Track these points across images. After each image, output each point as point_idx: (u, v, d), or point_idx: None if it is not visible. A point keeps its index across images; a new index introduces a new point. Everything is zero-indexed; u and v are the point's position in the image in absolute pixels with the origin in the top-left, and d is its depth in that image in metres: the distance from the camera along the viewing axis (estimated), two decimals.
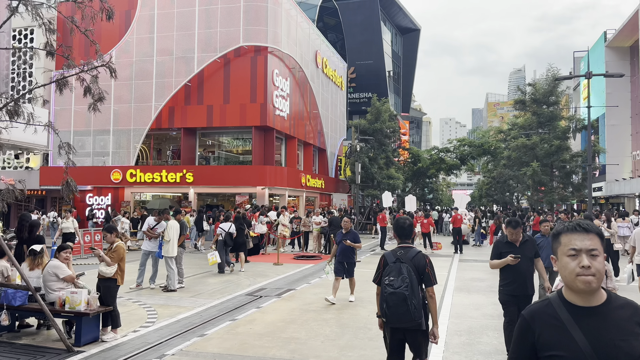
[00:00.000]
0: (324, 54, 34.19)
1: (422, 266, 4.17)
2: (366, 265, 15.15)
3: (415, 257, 4.19)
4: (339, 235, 9.69)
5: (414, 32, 74.69)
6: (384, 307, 4.07)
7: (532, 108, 22.31)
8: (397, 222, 4.47)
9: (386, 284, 4.09)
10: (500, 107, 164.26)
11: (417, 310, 4.01)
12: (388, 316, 4.05)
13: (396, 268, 4.09)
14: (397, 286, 4.00)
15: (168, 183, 25.60)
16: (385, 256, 4.31)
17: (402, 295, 3.96)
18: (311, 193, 32.17)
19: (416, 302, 4.00)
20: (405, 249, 4.26)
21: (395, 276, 4.05)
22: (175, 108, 26.41)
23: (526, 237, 5.93)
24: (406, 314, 3.97)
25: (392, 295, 4.00)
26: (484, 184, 58.31)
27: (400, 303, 3.96)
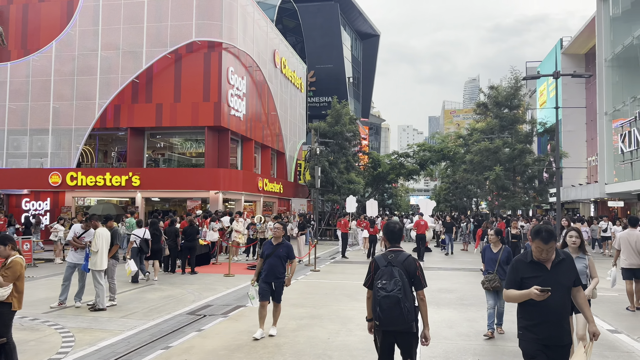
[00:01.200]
0: (283, 54, 33.01)
1: (413, 270, 4.20)
2: (325, 276, 13.99)
3: (405, 260, 4.21)
4: (266, 247, 7.39)
5: (374, 38, 74.76)
6: (377, 311, 4.06)
7: (494, 111, 21.84)
8: (387, 227, 4.48)
9: (379, 288, 4.09)
10: (457, 115, 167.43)
11: (410, 313, 4.03)
12: (381, 319, 4.06)
13: (388, 272, 4.12)
14: (390, 289, 4.02)
15: (112, 187, 23.70)
16: (376, 260, 4.30)
17: (395, 298, 3.99)
18: (269, 198, 30.82)
19: (409, 305, 4.03)
20: (396, 253, 4.27)
21: (387, 279, 4.08)
22: (122, 106, 24.56)
23: (562, 256, 3.92)
24: (399, 317, 4.00)
25: (385, 299, 4.02)
26: (442, 189, 58.50)
27: (394, 306, 3.99)
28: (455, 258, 19.66)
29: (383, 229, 4.59)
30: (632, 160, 23.84)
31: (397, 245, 4.40)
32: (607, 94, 27.79)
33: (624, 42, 25.59)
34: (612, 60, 27.37)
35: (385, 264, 4.20)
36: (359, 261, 18.34)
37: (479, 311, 9.19)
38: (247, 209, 28.24)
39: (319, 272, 15.03)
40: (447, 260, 18.92)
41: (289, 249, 7.41)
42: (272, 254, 7.28)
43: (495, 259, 7.57)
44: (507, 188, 20.69)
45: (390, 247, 4.38)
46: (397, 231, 4.44)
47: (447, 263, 18.05)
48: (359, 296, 10.67)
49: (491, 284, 7.46)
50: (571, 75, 16.65)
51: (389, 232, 4.45)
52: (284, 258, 7.36)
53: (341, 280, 13.26)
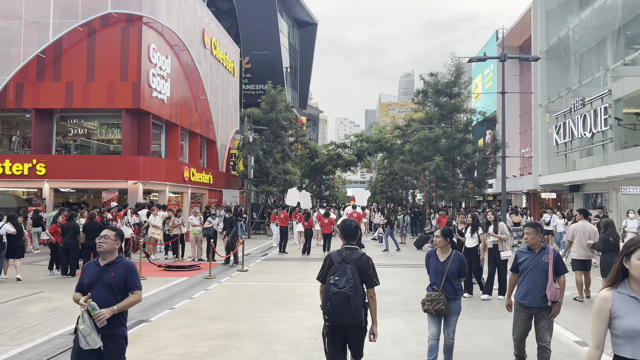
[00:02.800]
0: (214, 34, 30.74)
1: (366, 268, 4.25)
2: (254, 277, 12.36)
3: (359, 259, 4.27)
4: (87, 272, 4.01)
5: (311, 26, 73.30)
6: (327, 306, 4.12)
7: (434, 99, 21.01)
8: (343, 224, 4.54)
9: (331, 284, 4.14)
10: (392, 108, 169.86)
11: (358, 310, 4.10)
12: (330, 314, 4.11)
13: (341, 268, 4.18)
14: (341, 286, 4.08)
15: (14, 176, 20.78)
16: (331, 255, 4.33)
17: (345, 295, 4.05)
18: (198, 189, 28.62)
19: (358, 302, 4.10)
20: (351, 250, 4.32)
21: (340, 276, 4.14)
22: (25, 84, 21.55)
23: None
24: (348, 314, 4.06)
25: (336, 295, 4.07)
26: (378, 181, 58.32)
27: (344, 302, 4.04)
28: (394, 253, 18.64)
29: (339, 226, 4.60)
30: (566, 151, 23.88)
31: (353, 242, 4.42)
32: (541, 85, 27.86)
33: (560, 33, 25.60)
34: (547, 52, 27.41)
35: (339, 261, 4.23)
36: (293, 258, 16.85)
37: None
38: (173, 201, 26.00)
39: (247, 272, 13.38)
40: (385, 256, 17.84)
41: (127, 271, 4.01)
42: (96, 281, 3.92)
43: (442, 271, 5.40)
44: (446, 179, 19.90)
45: (346, 244, 4.40)
46: (352, 229, 4.48)
47: (386, 259, 16.95)
48: (290, 302, 9.16)
49: (433, 305, 5.30)
50: (518, 58, 16.04)
51: (345, 229, 4.49)
52: (118, 288, 3.95)
53: (271, 281, 11.70)
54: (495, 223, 9.80)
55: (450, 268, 5.39)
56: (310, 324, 7.54)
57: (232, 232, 14.44)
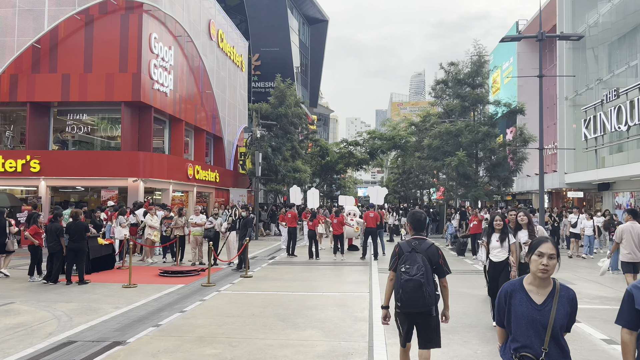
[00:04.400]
0: (220, 25, 29.42)
1: (436, 258, 4.34)
2: (258, 284, 10.91)
3: (429, 248, 4.36)
4: None
5: (322, 23, 71.91)
6: (400, 293, 4.21)
7: (455, 90, 19.46)
8: (413, 215, 4.62)
9: (402, 271, 4.25)
10: (404, 107, 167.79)
11: (431, 297, 4.19)
12: (403, 301, 4.21)
13: (411, 257, 4.29)
14: (413, 274, 4.18)
15: (7, 173, 19.59)
16: (400, 245, 4.45)
17: (418, 282, 4.15)
18: (204, 188, 27.31)
19: (430, 289, 4.19)
20: (420, 240, 4.42)
21: (410, 264, 4.24)
22: (20, 76, 20.37)
23: None
24: (420, 300, 4.15)
25: (408, 282, 4.18)
26: (390, 180, 56.74)
27: (416, 289, 4.15)
28: None
29: (409, 217, 4.66)
30: (596, 147, 22.19)
31: (422, 233, 4.52)
32: (567, 78, 26.16)
33: (588, 21, 23.90)
34: (574, 42, 25.70)
35: (409, 250, 4.36)
36: (302, 262, 15.40)
37: (471, 343, 6.46)
38: (177, 200, 24.71)
39: (251, 278, 11.96)
40: None
41: None
42: None
43: (543, 321, 2.86)
44: (469, 176, 18.33)
45: (415, 235, 4.51)
46: (422, 220, 4.59)
47: None
48: (299, 318, 7.72)
49: None
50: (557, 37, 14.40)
51: (415, 220, 4.58)
52: None
53: (278, 290, 10.27)
54: (531, 227, 7.39)
55: (557, 317, 2.85)
56: (323, 349, 6.09)
57: (247, 233, 13.02)
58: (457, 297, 9.36)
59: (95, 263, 12.48)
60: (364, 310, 8.34)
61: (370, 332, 6.95)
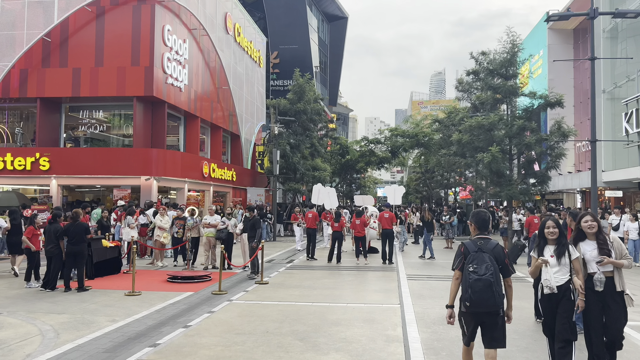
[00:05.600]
0: (237, 19, 28.48)
1: (502, 257, 4.38)
2: (275, 292, 9.78)
3: (495, 248, 4.40)
4: None
5: (341, 20, 70.75)
6: (468, 293, 4.25)
7: (487, 81, 18.12)
8: (478, 215, 4.61)
9: (470, 271, 4.29)
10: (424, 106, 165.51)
11: (500, 297, 4.23)
12: (473, 300, 4.23)
13: (479, 257, 4.32)
14: (482, 273, 4.22)
15: (16, 171, 18.90)
16: (466, 245, 4.46)
17: (487, 282, 4.19)
18: (221, 187, 26.39)
19: (499, 289, 4.24)
20: (485, 240, 4.44)
21: (478, 264, 4.27)
22: (30, 71, 19.68)
23: None
24: (490, 299, 4.19)
25: (477, 282, 4.22)
26: (412, 179, 55.23)
27: (486, 289, 4.19)
28: (437, 261, 15.85)
29: (472, 217, 4.65)
30: (639, 142, 20.58)
31: (486, 233, 4.54)
32: (605, 69, 24.52)
33: (629, 6, 22.25)
34: (611, 31, 24.09)
35: (475, 250, 4.37)
36: (323, 266, 14.27)
37: None
38: (193, 199, 23.82)
39: (267, 284, 10.87)
40: (428, 266, 15.10)
41: None
42: None
43: None
44: (502, 173, 16.97)
45: (479, 235, 4.50)
46: (487, 219, 4.59)
47: (433, 268, 14.20)
48: (321, 337, 6.59)
49: None
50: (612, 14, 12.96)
51: (480, 220, 4.56)
52: None
53: (296, 299, 9.16)
54: (601, 237, 5.27)
55: None
56: None
57: (257, 236, 11.75)
58: None
59: (99, 267, 11.55)
60: (396, 327, 7.16)
61: (407, 356, 5.77)
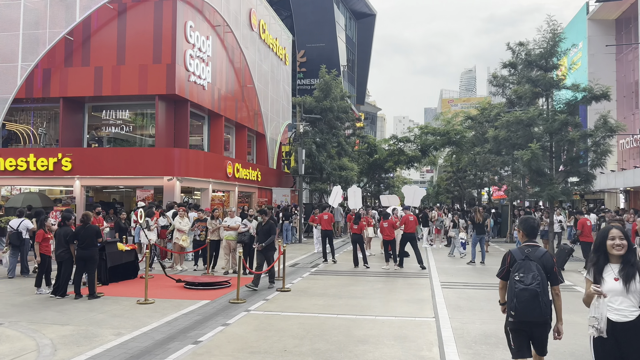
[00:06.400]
0: (262, 16, 27.87)
1: (551, 265, 4.24)
2: (297, 301, 8.98)
3: (543, 256, 4.27)
4: None
5: (369, 18, 69.72)
6: (513, 302, 4.13)
7: (525, 74, 16.95)
8: (526, 222, 4.50)
9: (516, 280, 4.16)
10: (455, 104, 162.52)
11: (547, 307, 4.12)
12: (518, 310, 4.12)
13: (525, 265, 4.19)
14: (528, 283, 4.09)
15: (39, 172, 18.69)
16: (512, 253, 4.37)
17: (534, 292, 4.06)
18: (246, 187, 25.84)
19: (546, 298, 4.12)
20: (533, 248, 4.31)
21: (525, 273, 4.15)
22: (53, 71, 19.47)
23: None
24: (536, 310, 4.07)
25: (523, 291, 4.09)
26: (443, 179, 53.77)
27: (532, 299, 4.06)
28: (475, 267, 14.81)
29: (520, 223, 4.56)
30: None
31: (534, 240, 4.42)
32: None
33: None
34: None
35: (522, 258, 4.24)
36: (349, 271, 13.43)
37: None
38: (217, 200, 23.30)
39: (289, 292, 10.10)
40: (464, 272, 14.09)
41: None
42: None
43: None
44: (543, 172, 15.78)
45: (527, 242, 4.39)
46: (535, 226, 4.49)
47: (467, 275, 13.20)
48: (346, 358, 5.76)
49: None
50: None
51: (529, 227, 4.46)
52: None
53: (319, 310, 8.36)
54: None
55: None
56: None
57: (268, 241, 10.87)
58: None
59: (114, 272, 11.00)
60: (431, 346, 6.28)
61: None
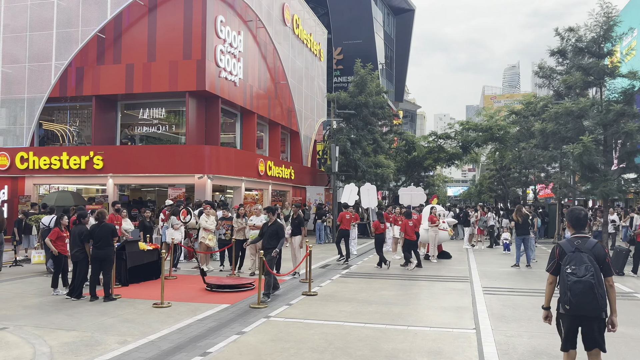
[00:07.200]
0: (296, 10, 27.27)
1: (603, 256, 4.16)
2: (322, 307, 8.22)
3: (594, 246, 4.18)
4: None
5: (408, 13, 68.28)
6: (567, 295, 4.06)
7: (575, 61, 15.61)
8: (572, 213, 4.43)
9: (568, 273, 4.09)
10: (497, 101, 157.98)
11: (603, 299, 4.02)
12: (573, 304, 4.04)
13: (577, 257, 4.12)
14: (581, 275, 4.01)
15: (71, 170, 18.69)
16: (561, 245, 4.30)
17: (588, 284, 3.99)
18: (279, 186, 25.34)
19: (601, 291, 4.02)
20: (583, 239, 4.24)
21: (577, 265, 4.07)
22: (85, 69, 19.47)
23: None
24: (592, 303, 3.99)
25: (577, 284, 4.01)
26: (485, 177, 51.87)
27: (587, 291, 3.98)
28: (520, 270, 13.67)
29: (567, 215, 4.48)
30: None
31: (583, 231, 4.34)
32: None
33: None
34: None
35: (572, 250, 4.17)
36: (381, 274, 12.58)
37: None
38: (250, 198, 22.86)
39: (315, 296, 9.37)
40: (509, 276, 13.00)
41: None
42: None
43: None
44: (596, 167, 14.45)
45: (575, 234, 4.32)
46: (582, 217, 4.38)
47: (511, 280, 12.12)
48: None
49: None
50: None
51: (574, 218, 4.39)
52: None
53: (346, 318, 7.59)
54: None
55: None
56: None
57: (280, 244, 9.47)
58: (613, 339, 6.13)
59: (135, 272, 10.58)
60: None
61: None
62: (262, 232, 9.45)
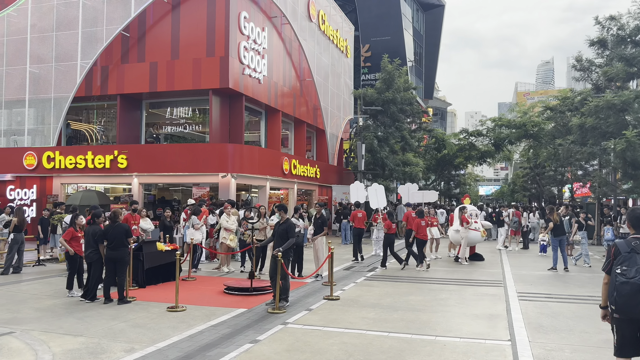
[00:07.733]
0: (322, 6, 26.78)
1: None
2: (345, 313, 7.70)
3: None
4: None
5: (438, 9, 66.98)
6: (614, 296, 3.93)
7: (617, 51, 14.64)
8: (633, 212, 4.22)
9: (618, 273, 3.95)
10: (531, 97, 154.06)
11: None
12: (618, 305, 3.89)
13: (630, 258, 3.95)
14: (630, 276, 3.85)
15: (96, 169, 18.67)
16: (617, 245, 4.11)
17: (636, 286, 3.80)
18: (305, 185, 24.92)
19: None
20: None
21: (628, 266, 3.91)
22: (110, 68, 19.45)
23: None
24: (638, 305, 3.76)
25: (624, 285, 3.85)
26: (519, 176, 50.40)
27: (634, 293, 3.79)
28: (558, 274, 12.87)
29: (628, 214, 4.29)
30: None
31: None
32: None
33: None
34: None
35: (627, 250, 3.99)
36: (409, 277, 11.98)
37: None
38: (275, 198, 22.52)
39: (337, 301, 8.87)
40: (547, 281, 12.22)
41: None
42: None
43: None
44: (639, 164, 13.49)
45: (635, 234, 4.13)
46: None
47: (549, 285, 11.36)
48: None
49: None
50: None
51: (634, 218, 4.19)
52: None
53: (368, 326, 7.06)
54: None
55: None
56: None
57: (286, 245, 8.35)
58: None
59: (153, 273, 10.28)
60: None
61: None
62: (274, 232, 8.88)
